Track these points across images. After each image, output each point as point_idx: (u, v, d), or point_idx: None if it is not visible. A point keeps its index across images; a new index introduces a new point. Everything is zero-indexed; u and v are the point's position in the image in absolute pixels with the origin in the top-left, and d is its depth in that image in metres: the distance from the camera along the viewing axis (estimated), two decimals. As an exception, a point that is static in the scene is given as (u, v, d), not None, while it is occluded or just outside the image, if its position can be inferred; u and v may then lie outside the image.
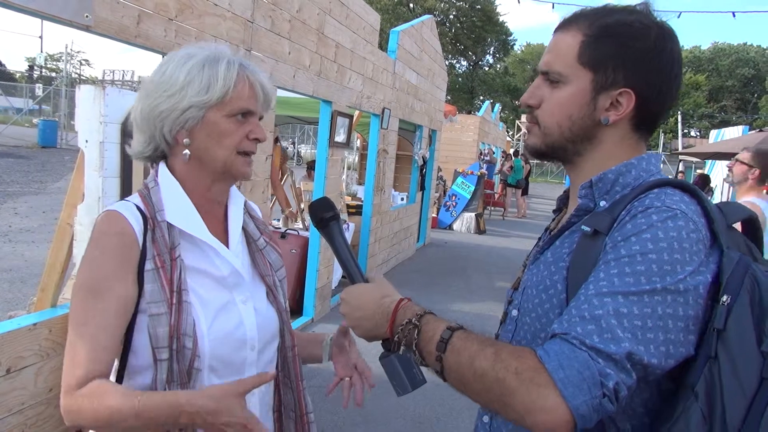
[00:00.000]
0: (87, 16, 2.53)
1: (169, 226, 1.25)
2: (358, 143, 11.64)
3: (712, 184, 11.48)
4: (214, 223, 1.35)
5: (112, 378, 1.23)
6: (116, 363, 1.24)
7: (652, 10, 1.10)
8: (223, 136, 1.27)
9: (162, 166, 1.32)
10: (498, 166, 18.35)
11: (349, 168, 12.44)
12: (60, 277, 2.74)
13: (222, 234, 1.36)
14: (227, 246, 1.35)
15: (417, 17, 9.91)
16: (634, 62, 1.06)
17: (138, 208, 1.26)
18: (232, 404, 1.11)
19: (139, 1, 2.90)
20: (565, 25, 1.13)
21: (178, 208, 1.28)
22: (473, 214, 13.12)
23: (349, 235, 7.02)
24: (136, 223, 1.23)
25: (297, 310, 5.80)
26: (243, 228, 1.42)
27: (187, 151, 1.29)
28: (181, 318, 1.20)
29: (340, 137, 5.97)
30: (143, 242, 1.22)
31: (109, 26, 2.71)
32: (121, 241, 1.21)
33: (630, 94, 1.07)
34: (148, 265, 1.21)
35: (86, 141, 2.60)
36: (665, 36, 1.07)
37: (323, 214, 1.29)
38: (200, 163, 1.30)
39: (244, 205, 1.45)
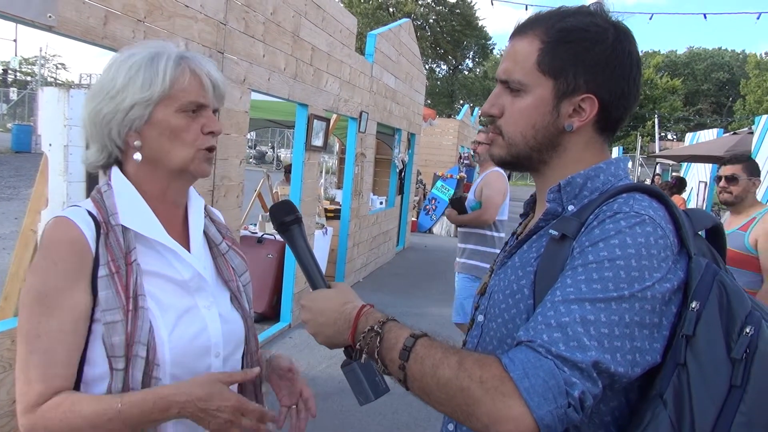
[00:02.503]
0: (50, 17, 2.46)
1: (124, 229, 1.20)
2: (337, 147, 11.59)
3: (687, 186, 11.61)
4: (173, 227, 1.31)
5: None
6: None
7: (607, 10, 1.08)
8: (177, 133, 1.23)
9: (115, 170, 1.28)
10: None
11: (327, 172, 12.39)
12: (24, 285, 2.66)
13: (183, 238, 1.32)
14: (188, 250, 1.31)
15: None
16: (595, 67, 1.05)
17: (90, 213, 1.21)
18: (222, 389, 1.14)
19: (105, 1, 2.83)
20: (521, 30, 1.11)
21: (133, 210, 1.24)
22: (453, 218, 13.12)
23: (327, 240, 6.96)
24: (88, 229, 1.18)
25: (274, 315, 5.67)
26: (204, 232, 1.38)
27: (138, 155, 1.25)
28: (137, 325, 1.15)
29: (317, 141, 5.93)
30: (96, 248, 1.18)
31: (74, 27, 2.64)
32: (72, 249, 1.16)
33: (593, 99, 1.06)
34: (102, 272, 1.16)
35: (50, 144, 2.53)
36: (623, 38, 1.06)
37: (284, 218, 1.25)
38: (155, 165, 1.26)
39: (204, 208, 1.41)
